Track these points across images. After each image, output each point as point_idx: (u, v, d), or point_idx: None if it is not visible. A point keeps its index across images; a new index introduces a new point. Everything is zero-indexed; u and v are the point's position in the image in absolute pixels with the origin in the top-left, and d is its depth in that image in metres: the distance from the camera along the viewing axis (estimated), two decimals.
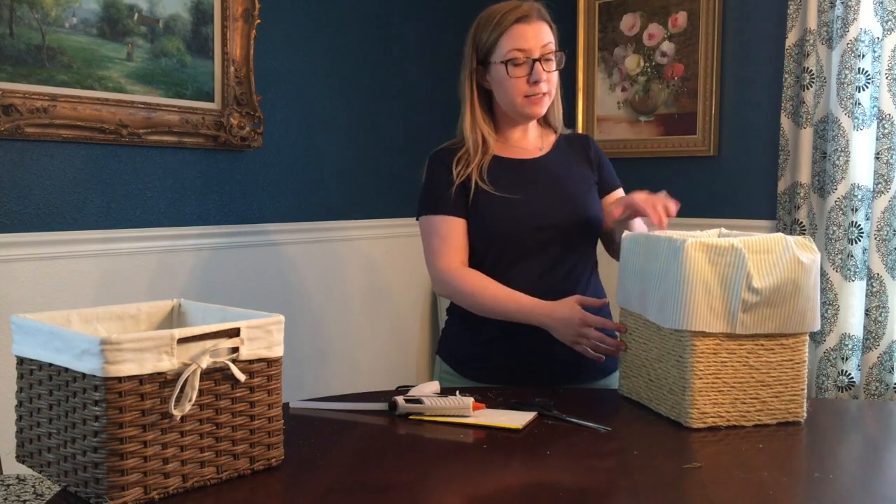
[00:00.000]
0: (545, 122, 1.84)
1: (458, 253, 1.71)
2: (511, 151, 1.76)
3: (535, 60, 1.66)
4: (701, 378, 1.36)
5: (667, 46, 3.04)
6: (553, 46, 1.69)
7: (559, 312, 1.59)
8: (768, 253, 1.34)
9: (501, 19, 1.67)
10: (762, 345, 1.37)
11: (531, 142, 1.79)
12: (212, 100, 2.41)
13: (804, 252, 1.36)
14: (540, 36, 1.67)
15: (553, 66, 1.70)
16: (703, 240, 1.35)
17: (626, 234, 1.54)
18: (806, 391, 1.40)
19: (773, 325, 1.36)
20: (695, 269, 1.34)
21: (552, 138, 1.82)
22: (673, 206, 1.55)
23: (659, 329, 1.43)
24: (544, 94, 1.69)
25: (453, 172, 1.71)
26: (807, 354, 1.40)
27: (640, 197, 1.57)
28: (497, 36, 1.68)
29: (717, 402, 1.36)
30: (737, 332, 1.35)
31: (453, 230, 1.71)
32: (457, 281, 1.69)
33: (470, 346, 1.75)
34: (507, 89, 1.69)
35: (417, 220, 1.78)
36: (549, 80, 1.70)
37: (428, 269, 1.75)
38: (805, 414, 1.39)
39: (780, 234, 1.36)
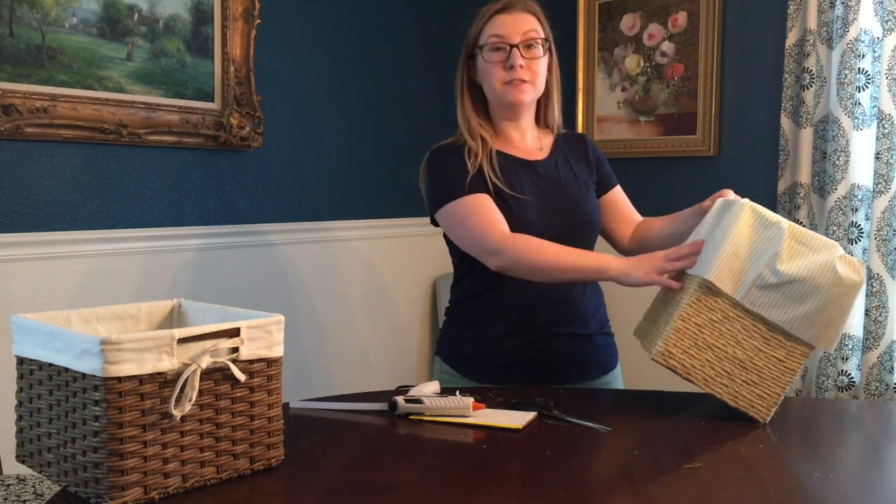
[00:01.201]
0: (544, 122, 1.83)
1: (503, 224, 1.62)
2: (513, 150, 1.75)
3: (513, 46, 1.66)
4: (685, 321, 1.36)
5: (667, 46, 3.04)
6: (536, 34, 1.68)
7: (638, 257, 1.50)
8: (809, 248, 1.34)
9: (485, 12, 1.71)
10: (760, 330, 1.37)
11: (529, 143, 1.78)
12: (212, 100, 2.41)
13: (845, 267, 1.34)
14: (519, 23, 1.67)
15: (536, 53, 1.68)
16: (759, 208, 1.36)
17: (719, 200, 1.49)
18: (781, 398, 1.38)
19: (781, 317, 1.35)
20: (737, 226, 1.35)
21: (550, 139, 1.81)
22: None
23: (685, 274, 1.44)
24: (524, 81, 1.67)
25: (467, 162, 1.67)
26: (801, 367, 1.38)
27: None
28: (481, 26, 1.71)
29: (688, 353, 1.36)
30: (742, 302, 1.35)
31: (490, 204, 1.63)
32: (521, 244, 1.57)
33: (469, 346, 1.75)
34: (487, 75, 1.70)
35: (435, 214, 1.69)
36: (530, 68, 1.67)
37: (479, 247, 1.62)
38: (769, 418, 1.37)
39: (836, 244, 1.35)
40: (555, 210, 1.69)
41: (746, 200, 1.38)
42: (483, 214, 1.62)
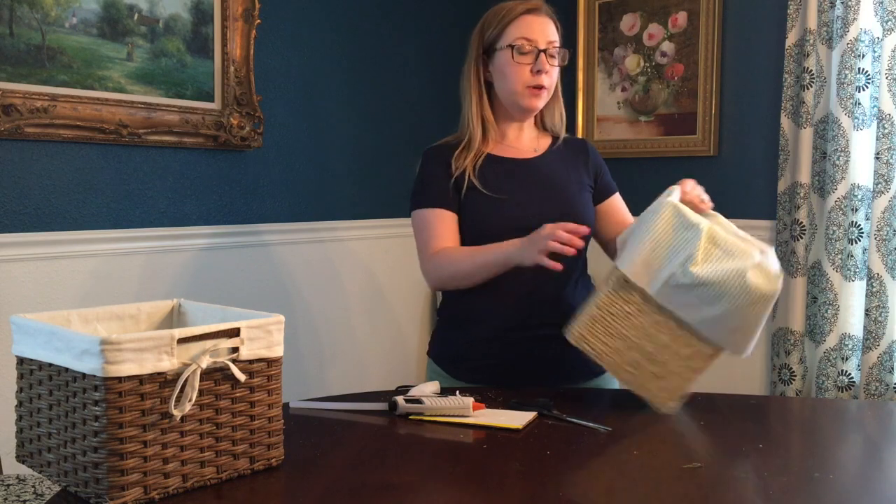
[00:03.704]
0: (542, 125, 1.84)
1: (444, 242, 1.70)
2: (505, 150, 1.76)
3: (540, 51, 1.67)
4: (600, 310, 1.41)
5: (667, 46, 3.04)
6: (558, 44, 1.72)
7: (529, 237, 1.54)
8: (725, 253, 1.34)
9: (510, 10, 1.71)
10: (671, 327, 1.39)
11: (526, 143, 1.79)
12: (212, 100, 2.41)
13: (758, 277, 1.33)
14: (547, 30, 1.70)
15: (556, 62, 1.71)
16: (682, 208, 1.38)
17: (663, 195, 1.52)
18: (684, 392, 1.42)
19: (692, 317, 1.37)
20: (659, 224, 1.37)
21: (548, 141, 1.82)
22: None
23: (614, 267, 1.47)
24: (544, 87, 1.70)
25: (452, 166, 1.71)
26: (707, 367, 1.40)
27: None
28: (505, 24, 1.70)
29: (600, 339, 1.41)
30: (655, 298, 1.37)
31: (445, 223, 1.71)
32: (438, 260, 1.68)
33: (459, 347, 1.74)
34: (509, 76, 1.70)
35: (410, 214, 1.78)
36: (551, 75, 1.71)
37: (420, 265, 1.74)
38: (670, 410, 1.40)
39: (757, 251, 1.35)
40: (538, 209, 1.69)
41: (671, 200, 1.39)
42: (428, 233, 1.71)
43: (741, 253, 1.35)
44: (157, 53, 2.27)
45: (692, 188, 1.54)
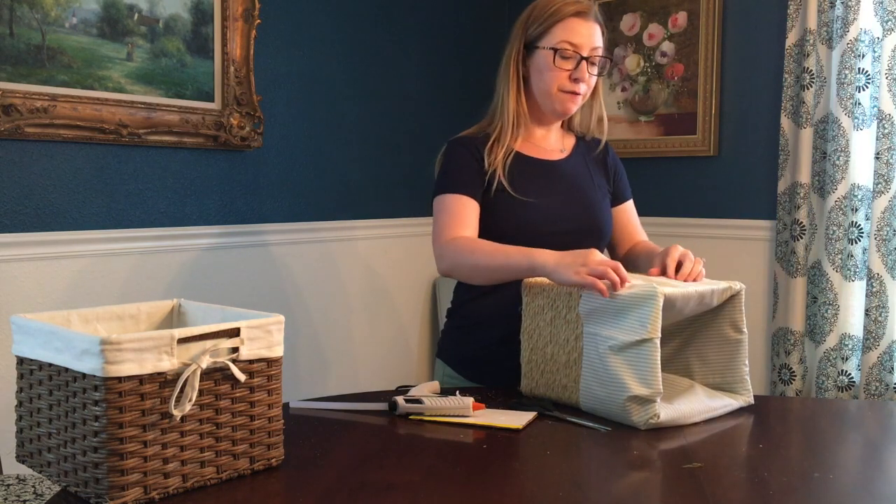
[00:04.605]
0: (568, 125, 1.83)
1: (464, 229, 1.64)
2: (532, 150, 1.75)
3: (582, 58, 1.65)
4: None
5: (667, 46, 3.04)
6: (601, 52, 1.69)
7: (571, 251, 1.46)
8: (631, 365, 1.33)
9: (559, 10, 1.66)
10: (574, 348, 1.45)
11: (552, 142, 1.78)
12: (212, 100, 2.41)
13: (635, 405, 1.33)
14: (593, 36, 1.67)
15: (596, 70, 1.69)
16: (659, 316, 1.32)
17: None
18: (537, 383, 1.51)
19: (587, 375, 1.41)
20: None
21: (572, 141, 1.81)
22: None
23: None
24: (580, 94, 1.68)
25: (485, 160, 1.68)
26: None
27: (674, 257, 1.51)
28: (552, 23, 1.66)
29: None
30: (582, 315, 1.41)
31: (465, 208, 1.65)
32: (457, 246, 1.60)
33: (470, 349, 1.74)
34: (547, 78, 1.67)
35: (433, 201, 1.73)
36: (589, 83, 1.69)
37: (433, 248, 1.68)
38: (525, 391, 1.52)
39: (638, 389, 1.32)
40: (563, 213, 1.69)
41: (655, 337, 1.32)
42: (452, 215, 1.64)
43: (622, 383, 1.34)
44: (157, 53, 2.27)
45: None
